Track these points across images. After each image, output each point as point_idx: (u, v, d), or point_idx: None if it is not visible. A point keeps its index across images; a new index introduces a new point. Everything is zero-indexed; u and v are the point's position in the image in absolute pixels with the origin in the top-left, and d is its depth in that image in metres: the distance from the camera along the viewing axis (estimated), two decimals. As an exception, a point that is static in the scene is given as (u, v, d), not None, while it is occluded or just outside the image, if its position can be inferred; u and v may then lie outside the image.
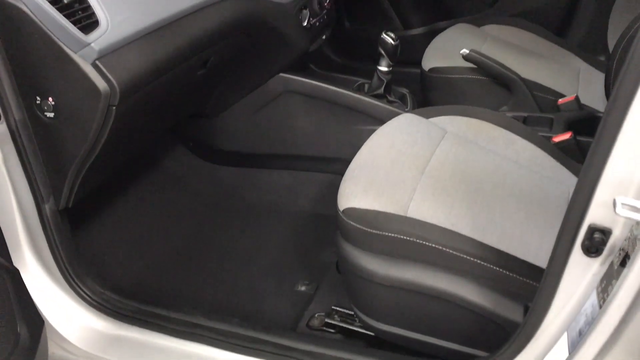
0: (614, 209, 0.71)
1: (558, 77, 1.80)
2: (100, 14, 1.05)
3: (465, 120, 1.48)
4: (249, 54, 1.53)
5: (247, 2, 1.38)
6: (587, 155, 0.77)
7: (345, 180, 1.27)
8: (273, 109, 1.70)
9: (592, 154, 0.76)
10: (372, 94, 1.70)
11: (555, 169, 1.40)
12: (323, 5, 1.70)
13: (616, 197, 0.73)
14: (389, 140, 1.38)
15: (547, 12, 2.19)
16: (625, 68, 0.70)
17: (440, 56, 1.82)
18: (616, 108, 0.71)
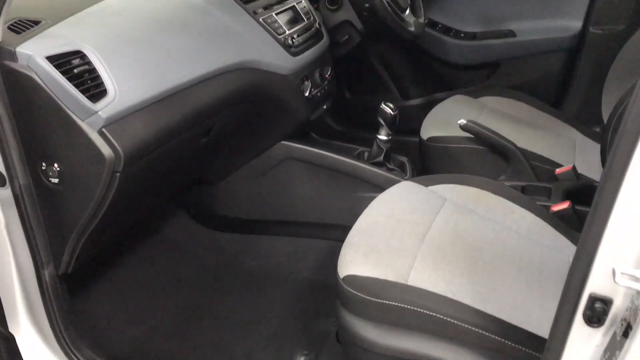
0: (613, 279, 0.71)
1: (555, 147, 1.84)
2: (108, 84, 1.08)
3: (464, 188, 1.50)
4: (252, 122, 1.57)
5: (251, 74, 1.42)
6: (585, 224, 0.78)
7: (346, 247, 1.27)
8: (274, 175, 1.73)
9: (589, 223, 0.76)
10: (372, 161, 1.73)
11: (555, 238, 1.41)
12: (324, 77, 1.75)
13: (615, 266, 0.73)
14: (389, 208, 1.39)
15: (542, 84, 2.26)
16: (618, 139, 0.72)
17: (438, 126, 1.86)
18: (611, 178, 0.73)
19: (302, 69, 1.60)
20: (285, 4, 1.65)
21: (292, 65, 1.56)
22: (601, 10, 2.09)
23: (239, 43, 1.41)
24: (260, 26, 1.50)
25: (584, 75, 2.18)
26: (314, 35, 1.70)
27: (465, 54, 2.30)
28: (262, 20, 1.52)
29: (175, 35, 1.27)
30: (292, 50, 1.57)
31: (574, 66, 2.20)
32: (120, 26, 1.19)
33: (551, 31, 2.18)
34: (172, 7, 1.33)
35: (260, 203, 1.78)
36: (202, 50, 1.30)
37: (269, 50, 1.50)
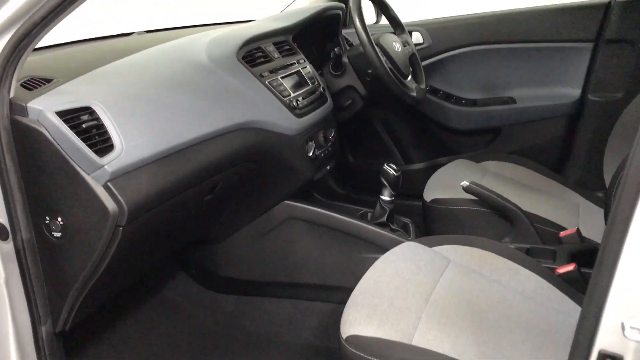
0: (622, 333, 0.70)
1: (558, 210, 1.83)
2: (115, 139, 1.10)
3: (468, 250, 1.49)
4: (256, 181, 1.58)
5: (256, 133, 1.45)
6: (590, 280, 0.77)
7: (349, 306, 1.25)
8: (277, 235, 1.72)
9: (595, 279, 0.75)
10: (375, 222, 1.73)
11: (561, 301, 1.38)
12: (328, 138, 1.78)
13: (624, 321, 0.71)
14: (392, 268, 1.38)
15: (543, 150, 2.28)
16: (620, 193, 0.72)
17: (441, 188, 1.86)
18: (614, 232, 0.72)
19: (306, 130, 1.63)
20: (290, 69, 1.70)
21: (296, 126, 1.58)
22: (599, 78, 2.14)
23: (245, 103, 1.44)
24: (266, 88, 1.54)
25: (585, 141, 2.21)
26: (318, 99, 1.74)
27: (466, 120, 2.34)
28: (268, 83, 1.56)
29: (183, 94, 1.30)
30: (296, 111, 1.60)
31: (574, 132, 2.23)
32: (129, 84, 1.23)
33: (551, 98, 2.23)
34: (180, 67, 1.37)
35: (261, 264, 1.76)
36: (208, 109, 1.33)
37: (274, 111, 1.53)
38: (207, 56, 1.44)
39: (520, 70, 2.26)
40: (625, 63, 2.09)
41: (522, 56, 2.25)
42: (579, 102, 2.20)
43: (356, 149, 2.52)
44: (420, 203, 1.95)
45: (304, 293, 1.77)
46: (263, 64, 1.60)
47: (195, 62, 1.41)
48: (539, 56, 2.23)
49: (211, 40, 1.53)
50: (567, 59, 2.19)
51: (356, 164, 2.53)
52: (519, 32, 2.23)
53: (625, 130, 1.95)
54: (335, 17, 2.06)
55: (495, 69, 2.29)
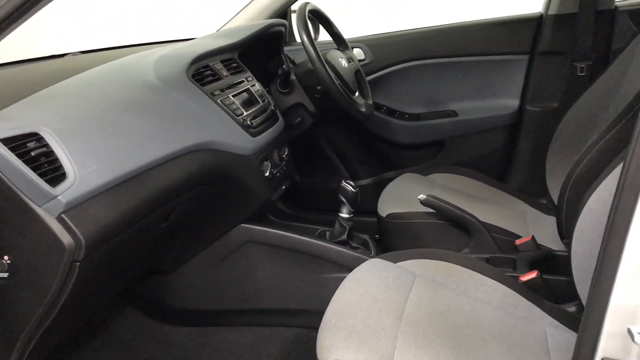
0: (631, 339, 0.69)
1: (508, 219, 1.87)
2: (68, 167, 1.01)
3: (433, 263, 1.48)
4: (212, 205, 1.51)
5: (212, 155, 1.38)
6: (590, 288, 0.76)
7: (323, 330, 1.20)
8: (233, 261, 1.65)
9: (595, 286, 0.75)
10: (335, 240, 1.69)
11: (528, 308, 1.39)
12: (282, 157, 1.73)
13: (631, 327, 0.71)
14: (361, 287, 1.35)
15: (486, 160, 2.34)
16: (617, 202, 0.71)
17: (395, 203, 1.86)
18: (614, 238, 0.72)
19: (261, 149, 1.58)
20: (239, 87, 1.64)
21: (252, 146, 1.53)
22: (535, 89, 2.22)
23: (199, 124, 1.37)
24: (219, 107, 1.48)
25: (525, 149, 2.27)
26: (270, 117, 1.69)
27: (410, 134, 2.36)
28: (220, 101, 1.50)
29: (134, 116, 1.22)
30: (251, 130, 1.55)
31: (515, 142, 2.29)
32: (77, 107, 1.13)
33: (491, 110, 2.29)
34: (129, 88, 1.29)
35: (218, 292, 1.68)
36: (162, 130, 1.25)
37: (229, 130, 1.47)
38: (156, 75, 1.36)
39: (461, 84, 2.31)
40: (559, 74, 2.18)
41: (461, 70, 2.30)
42: (517, 113, 2.27)
43: (302, 168, 2.48)
44: (370, 219, 1.93)
45: (265, 319, 1.70)
46: (213, 82, 1.54)
47: (144, 82, 1.33)
48: (477, 69, 2.28)
49: (158, 58, 1.45)
50: (505, 71, 2.26)
51: (303, 183, 2.49)
52: (458, 46, 2.28)
53: (565, 138, 2.01)
54: (278, 34, 2.03)
55: (436, 83, 2.33)
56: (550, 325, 1.36)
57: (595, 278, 0.74)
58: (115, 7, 5.94)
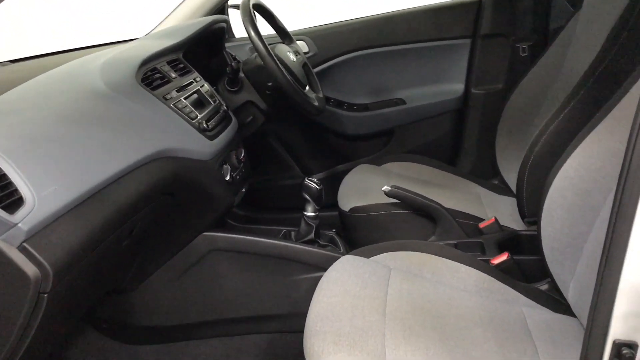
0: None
1: (467, 202, 1.88)
2: (24, 190, 0.91)
3: (405, 254, 1.46)
4: (173, 216, 1.43)
5: (172, 162, 1.30)
6: (598, 272, 0.75)
7: (310, 337, 1.16)
8: (198, 271, 1.57)
9: (605, 269, 0.74)
10: (302, 240, 1.65)
11: (503, 291, 1.40)
12: (240, 159, 1.67)
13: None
14: (339, 287, 1.31)
15: (436, 145, 2.35)
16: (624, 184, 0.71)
17: (356, 196, 1.83)
18: (622, 218, 0.71)
19: (220, 152, 1.51)
20: (189, 89, 1.56)
21: (210, 150, 1.45)
22: (479, 73, 2.25)
23: (155, 131, 1.29)
24: (174, 112, 1.40)
25: (473, 132, 2.30)
26: (224, 118, 1.62)
27: (360, 125, 2.34)
28: (174, 105, 1.42)
29: (88, 129, 1.12)
30: (207, 134, 1.47)
31: (462, 125, 2.32)
32: (24, 124, 1.03)
33: (438, 95, 2.30)
34: (76, 97, 1.19)
35: (184, 305, 1.60)
36: (118, 142, 1.16)
37: (186, 136, 1.39)
38: (104, 82, 1.27)
39: (406, 71, 2.31)
40: (502, 55, 2.21)
41: (406, 57, 2.29)
42: (463, 97, 2.29)
43: (252, 167, 2.41)
44: (327, 213, 1.90)
45: (235, 328, 1.64)
46: (162, 86, 1.46)
47: (93, 90, 1.23)
48: (422, 56, 2.29)
49: (103, 64, 1.35)
50: (449, 56, 2.28)
51: (254, 182, 2.42)
52: (401, 34, 2.27)
53: (512, 119, 2.05)
54: (220, 30, 1.95)
55: (382, 72, 2.32)
56: (526, 306, 1.38)
57: (605, 260, 0.74)
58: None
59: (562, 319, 1.34)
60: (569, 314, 1.34)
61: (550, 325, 1.31)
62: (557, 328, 1.30)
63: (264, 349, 1.63)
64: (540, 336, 1.27)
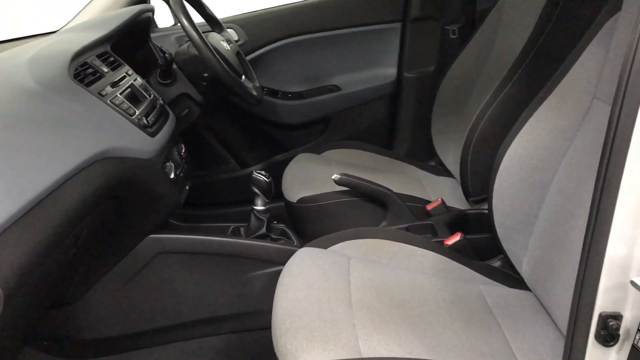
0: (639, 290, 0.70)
1: (411, 186, 1.90)
2: (-37, 205, 0.81)
3: (362, 242, 1.45)
4: (117, 220, 1.33)
5: (115, 163, 1.21)
6: (583, 247, 0.76)
7: (280, 335, 1.12)
8: (146, 276, 1.48)
9: (591, 243, 0.75)
10: (254, 235, 1.59)
11: (459, 271, 1.42)
12: (182, 155, 1.58)
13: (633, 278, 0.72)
14: (302, 280, 1.28)
15: (373, 130, 2.36)
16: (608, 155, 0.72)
17: (303, 186, 1.80)
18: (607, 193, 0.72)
19: (162, 149, 1.42)
20: (123, 84, 1.46)
21: (153, 147, 1.37)
22: (411, 57, 2.26)
23: (94, 130, 1.19)
24: (112, 109, 1.30)
25: (408, 116, 2.33)
26: (162, 113, 1.53)
27: (295, 114, 2.30)
28: (111, 102, 1.32)
29: (23, 132, 1.02)
30: (148, 130, 1.38)
31: (397, 109, 2.33)
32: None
33: (371, 80, 2.30)
34: (7, 99, 1.07)
35: (133, 313, 1.50)
36: (58, 144, 1.06)
37: (127, 133, 1.29)
38: (35, 80, 1.15)
39: (339, 57, 2.29)
40: (432, 38, 2.24)
41: (338, 43, 2.27)
42: (396, 81, 2.30)
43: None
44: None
45: (190, 332, 1.57)
46: (96, 81, 1.35)
47: (23, 89, 1.12)
48: (354, 41, 2.28)
49: (30, 59, 1.23)
50: (380, 41, 2.28)
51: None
52: (332, 20, 2.25)
53: (447, 101, 2.09)
54: (147, 20, 1.84)
55: (315, 58, 2.29)
56: (483, 283, 1.40)
57: (591, 234, 0.75)
58: None
59: (517, 294, 1.37)
60: (524, 288, 1.38)
61: (508, 301, 1.34)
62: (515, 303, 1.34)
63: (221, 350, 1.57)
64: (500, 313, 1.29)
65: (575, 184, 1.19)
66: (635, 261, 0.74)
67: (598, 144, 1.16)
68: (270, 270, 1.52)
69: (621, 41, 1.15)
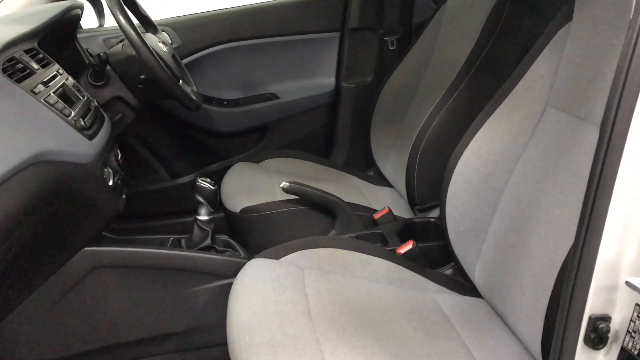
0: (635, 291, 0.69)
1: (353, 195, 1.87)
2: None
3: (315, 252, 1.40)
4: (51, 231, 1.20)
5: (51, 167, 1.09)
6: (575, 250, 0.75)
7: (241, 352, 1.04)
8: (78, 294, 1.35)
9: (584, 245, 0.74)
10: (198, 247, 1.50)
11: (414, 280, 1.41)
12: (119, 161, 1.46)
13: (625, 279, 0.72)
14: (257, 294, 1.21)
15: (310, 139, 2.32)
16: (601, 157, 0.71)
17: (245, 196, 1.72)
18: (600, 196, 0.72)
19: (100, 153, 1.30)
20: (55, 83, 1.33)
21: (91, 151, 1.25)
22: (349, 66, 2.26)
23: (29, 131, 1.07)
24: (47, 108, 1.17)
25: (346, 125, 2.31)
26: (97, 115, 1.41)
27: (231, 121, 2.23)
28: (45, 100, 1.19)
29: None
30: (86, 133, 1.26)
31: (335, 119, 2.31)
32: None
33: (310, 89, 2.27)
34: None
35: (63, 334, 1.36)
36: (-12, 145, 0.94)
37: (64, 135, 1.17)
38: (-41, 73, 1.02)
39: (277, 65, 2.24)
40: (370, 49, 2.24)
41: (276, 51, 2.23)
42: (335, 90, 2.28)
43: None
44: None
45: (128, 353, 1.44)
46: (27, 78, 1.22)
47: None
48: (292, 49, 2.24)
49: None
50: (319, 50, 2.25)
51: None
52: (270, 27, 2.20)
53: (386, 111, 2.09)
54: (75, 18, 1.71)
55: (252, 65, 2.23)
56: (437, 292, 1.39)
57: (583, 238, 0.73)
58: None
59: (470, 301, 1.37)
60: (476, 295, 1.38)
61: (463, 309, 1.33)
62: (470, 311, 1.33)
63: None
64: (457, 321, 1.28)
65: (532, 189, 1.20)
66: (625, 262, 0.74)
67: (553, 150, 1.18)
68: (217, 284, 1.43)
69: (574, 50, 1.18)
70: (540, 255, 1.11)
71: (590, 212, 0.72)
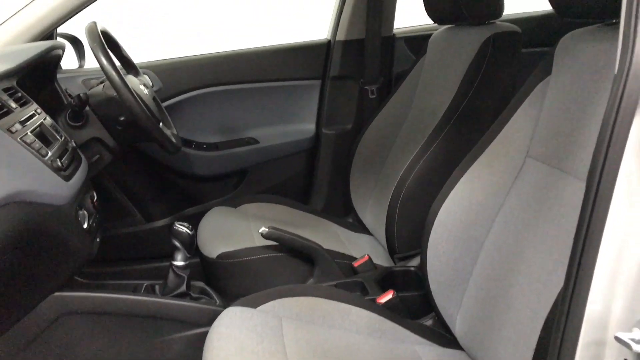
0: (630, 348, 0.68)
1: (332, 242, 1.85)
2: None
3: (294, 300, 1.37)
4: (19, 276, 1.15)
5: (25, 209, 1.05)
6: (563, 304, 0.74)
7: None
8: (44, 342, 1.29)
9: (572, 298, 0.73)
10: (173, 294, 1.45)
11: (394, 331, 1.38)
12: (94, 203, 1.43)
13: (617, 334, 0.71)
14: (233, 343, 1.17)
15: (290, 185, 2.31)
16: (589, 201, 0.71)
17: (222, 241, 1.69)
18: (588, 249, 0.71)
19: (76, 195, 1.27)
20: (32, 122, 1.31)
21: (67, 193, 1.21)
22: (330, 113, 2.27)
23: (4, 170, 1.04)
24: (23, 147, 1.14)
25: (325, 171, 2.31)
26: (74, 156, 1.38)
27: (210, 165, 2.21)
28: (21, 139, 1.16)
29: None
30: (63, 174, 1.23)
31: (315, 165, 2.31)
32: None
33: (290, 135, 2.27)
34: None
35: None
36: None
37: (39, 176, 1.14)
38: None
39: (258, 110, 2.25)
40: (350, 97, 2.27)
41: (257, 96, 2.24)
42: (315, 137, 2.29)
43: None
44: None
45: None
46: (3, 117, 1.19)
47: None
48: (273, 95, 2.25)
49: None
50: (300, 97, 2.27)
51: None
52: (252, 73, 2.22)
53: (365, 158, 2.09)
54: (56, 58, 1.70)
55: (233, 110, 2.23)
56: (417, 343, 1.36)
57: (572, 290, 0.73)
58: None
59: (451, 353, 1.35)
60: (456, 347, 1.35)
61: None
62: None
63: None
64: (438, 373, 1.25)
65: (513, 240, 1.20)
66: (613, 316, 0.73)
67: (533, 200, 1.19)
68: (191, 333, 1.38)
69: (554, 103, 1.20)
70: (523, 307, 1.10)
71: (578, 266, 0.72)
